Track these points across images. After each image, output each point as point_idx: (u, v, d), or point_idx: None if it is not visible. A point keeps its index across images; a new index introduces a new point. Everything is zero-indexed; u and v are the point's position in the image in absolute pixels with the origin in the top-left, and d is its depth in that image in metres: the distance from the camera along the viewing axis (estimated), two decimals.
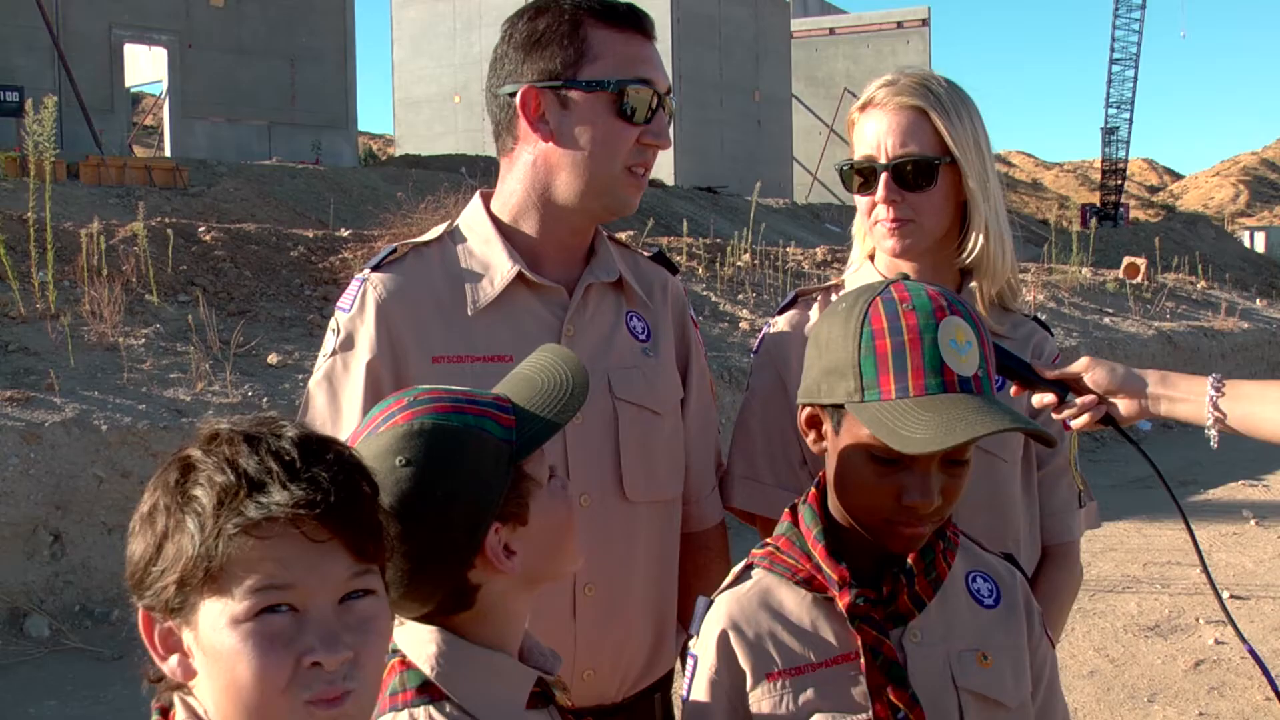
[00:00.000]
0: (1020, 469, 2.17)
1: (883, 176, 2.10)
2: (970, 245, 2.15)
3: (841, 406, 1.63)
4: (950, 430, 1.52)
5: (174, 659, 1.19)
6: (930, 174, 2.09)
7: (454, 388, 1.53)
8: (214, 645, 1.17)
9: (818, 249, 16.80)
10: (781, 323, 2.27)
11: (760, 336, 2.31)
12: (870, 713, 1.60)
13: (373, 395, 1.94)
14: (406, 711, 1.45)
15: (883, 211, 2.12)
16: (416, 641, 1.48)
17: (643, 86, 1.95)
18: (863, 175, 2.14)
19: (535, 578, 1.53)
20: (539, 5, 2.00)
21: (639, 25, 1.99)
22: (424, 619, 1.50)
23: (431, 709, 1.45)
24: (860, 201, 2.17)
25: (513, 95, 1.99)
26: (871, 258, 2.26)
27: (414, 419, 1.45)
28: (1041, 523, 2.21)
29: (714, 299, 12.52)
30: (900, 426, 1.54)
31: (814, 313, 2.24)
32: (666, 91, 2.01)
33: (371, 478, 1.25)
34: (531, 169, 2.01)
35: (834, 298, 2.22)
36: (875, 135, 2.12)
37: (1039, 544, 2.20)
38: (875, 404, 1.58)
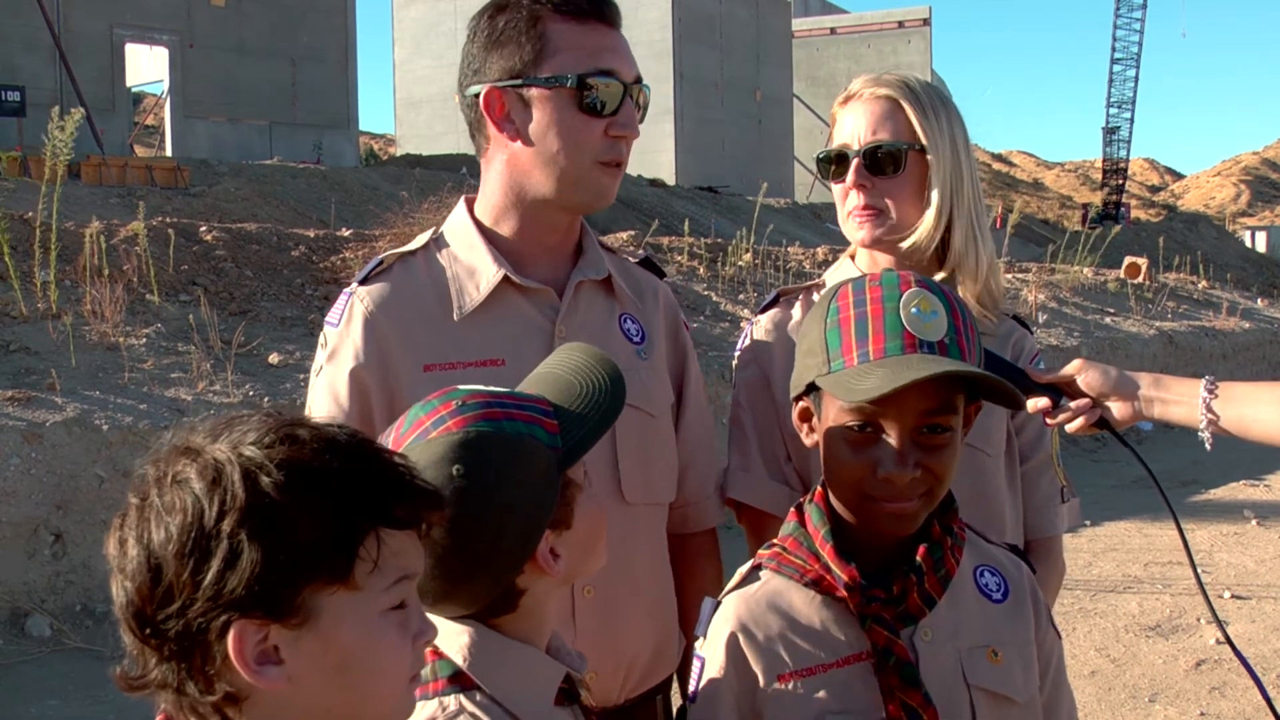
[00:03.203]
0: (1003, 464, 2.18)
1: (854, 162, 2.13)
2: (923, 230, 2.14)
3: (819, 389, 1.65)
4: (897, 376, 1.53)
5: (272, 670, 1.15)
6: (898, 160, 2.12)
7: (498, 389, 1.51)
8: (356, 641, 1.18)
9: (818, 249, 16.80)
10: (764, 321, 2.29)
11: (743, 335, 2.32)
12: (884, 713, 1.59)
13: (359, 403, 1.94)
14: (437, 700, 1.45)
15: (854, 198, 2.15)
16: (449, 632, 1.48)
17: (605, 78, 1.92)
18: (836, 163, 2.17)
19: (572, 577, 1.55)
20: (500, 2, 1.99)
21: (600, 14, 1.96)
22: (462, 619, 1.50)
23: (462, 698, 1.45)
24: (835, 190, 2.21)
25: (478, 96, 1.98)
26: (853, 256, 2.28)
27: (467, 426, 1.43)
28: (1024, 518, 2.22)
29: (715, 299, 12.52)
30: (851, 382, 1.57)
31: (796, 311, 2.26)
32: (635, 80, 1.97)
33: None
34: (505, 170, 2.01)
35: (815, 296, 2.25)
36: (851, 125, 2.16)
37: (1022, 540, 2.21)
38: (840, 372, 1.60)
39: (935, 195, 2.13)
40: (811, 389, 1.68)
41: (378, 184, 21.44)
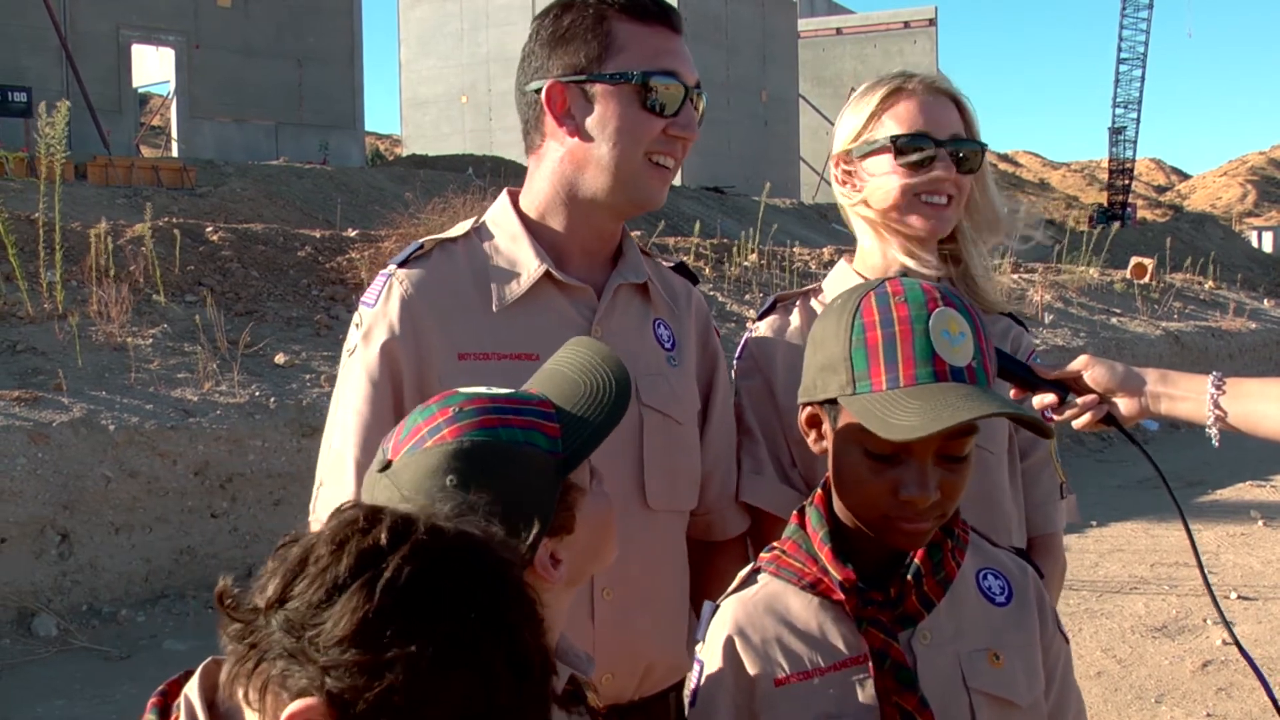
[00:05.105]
0: (1006, 460, 2.18)
1: (943, 153, 2.10)
2: (994, 235, 2.20)
3: (837, 402, 1.61)
4: (938, 416, 1.50)
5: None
6: (981, 160, 2.14)
7: (497, 392, 1.49)
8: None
9: (824, 249, 16.79)
10: (763, 327, 2.28)
11: (743, 342, 2.31)
12: (879, 717, 1.59)
13: (391, 380, 1.93)
14: None
15: (939, 188, 2.11)
16: None
17: (668, 79, 1.95)
18: (918, 151, 2.11)
19: (578, 578, 1.53)
20: (565, 2, 2.00)
21: (665, 19, 1.99)
22: None
23: None
24: (894, 180, 2.12)
25: (539, 92, 1.99)
26: (848, 260, 2.28)
27: (461, 435, 1.41)
28: (1025, 515, 2.22)
29: (721, 299, 12.51)
30: (888, 415, 1.52)
31: (794, 317, 2.25)
32: (695, 85, 2.00)
33: None
34: (559, 165, 2.01)
35: (813, 302, 2.25)
36: (929, 115, 2.12)
37: (1025, 537, 2.21)
38: (866, 395, 1.56)
39: (993, 190, 2.16)
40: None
41: (383, 184, 21.46)
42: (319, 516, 1.93)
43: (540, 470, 1.43)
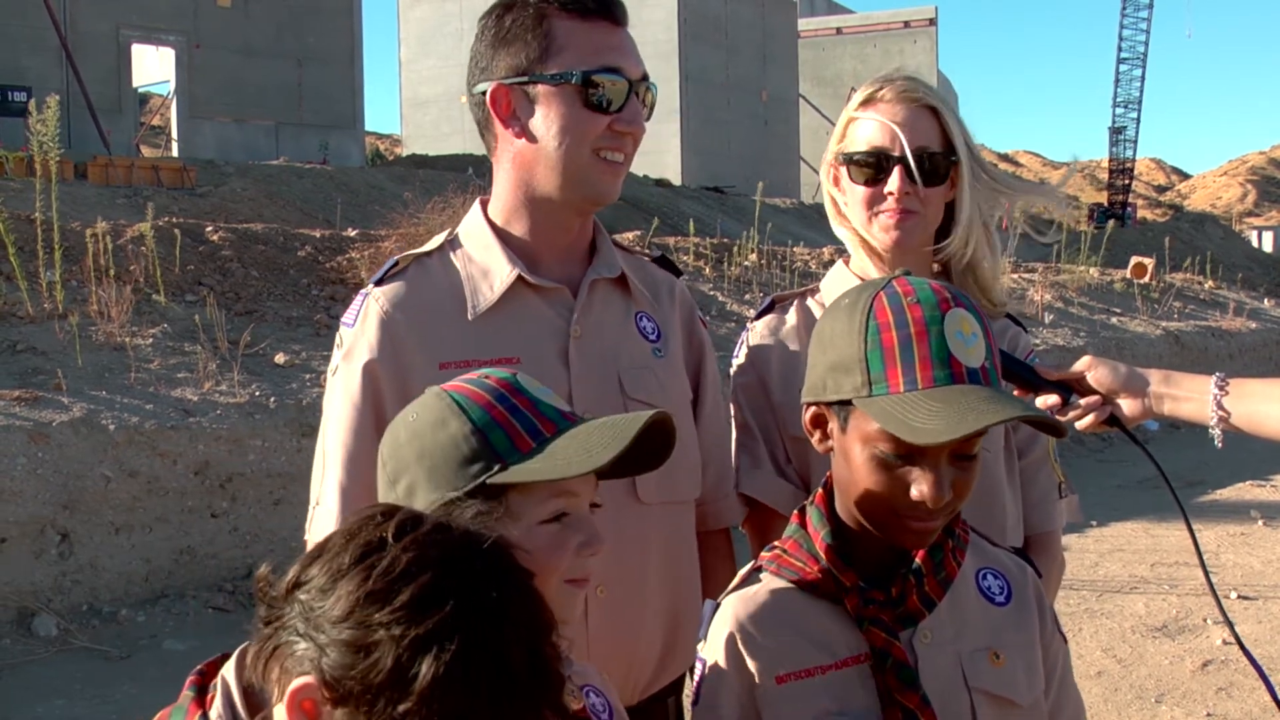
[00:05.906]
0: (1003, 459, 2.18)
1: (896, 168, 2.10)
2: (955, 243, 2.16)
3: (848, 403, 1.61)
4: (962, 419, 1.50)
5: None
6: (946, 169, 2.12)
7: (530, 390, 1.56)
8: None
9: (824, 249, 16.79)
10: (760, 327, 2.29)
11: (740, 342, 2.32)
12: (880, 715, 1.59)
13: (373, 398, 1.94)
14: None
15: (889, 202, 2.12)
16: None
17: (610, 75, 1.94)
18: (872, 167, 2.13)
19: None
20: (507, 1, 2.00)
21: (606, 13, 1.97)
22: None
23: None
24: (858, 192, 2.16)
25: (485, 94, 1.99)
26: (847, 262, 2.28)
27: (454, 392, 1.54)
28: (1023, 514, 2.22)
29: (721, 299, 12.52)
30: (910, 418, 1.52)
31: (790, 317, 2.26)
32: (641, 78, 1.98)
33: None
34: (513, 167, 2.02)
35: (810, 302, 2.26)
36: (888, 128, 2.12)
37: (1022, 535, 2.21)
38: (883, 398, 1.56)
39: (967, 205, 2.14)
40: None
41: (383, 184, 21.46)
42: (312, 536, 1.95)
43: (470, 453, 1.49)
